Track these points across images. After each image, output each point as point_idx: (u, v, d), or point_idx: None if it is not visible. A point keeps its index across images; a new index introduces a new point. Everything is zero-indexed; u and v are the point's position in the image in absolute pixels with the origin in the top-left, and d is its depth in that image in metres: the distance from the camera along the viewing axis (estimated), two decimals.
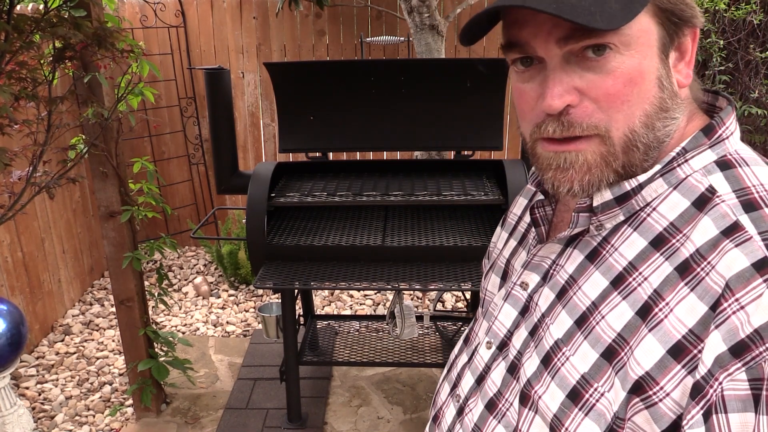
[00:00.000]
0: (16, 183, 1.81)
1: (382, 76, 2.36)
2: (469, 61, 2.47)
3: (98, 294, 3.67)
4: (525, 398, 0.61)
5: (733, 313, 0.47)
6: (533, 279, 0.66)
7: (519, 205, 0.81)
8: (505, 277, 0.74)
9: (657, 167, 0.56)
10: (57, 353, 3.05)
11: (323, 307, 3.51)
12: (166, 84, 3.91)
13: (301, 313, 2.87)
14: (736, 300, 0.47)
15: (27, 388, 2.77)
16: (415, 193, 2.21)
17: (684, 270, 0.51)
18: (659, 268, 0.53)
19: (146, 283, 2.85)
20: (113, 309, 3.39)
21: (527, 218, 0.75)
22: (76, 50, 1.83)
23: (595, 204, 0.58)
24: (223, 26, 3.85)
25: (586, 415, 0.54)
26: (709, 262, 0.50)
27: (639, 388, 0.51)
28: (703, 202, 0.53)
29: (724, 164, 0.55)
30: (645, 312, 0.52)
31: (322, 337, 2.82)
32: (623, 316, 0.54)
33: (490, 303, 0.75)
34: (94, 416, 2.60)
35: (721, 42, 3.34)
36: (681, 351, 0.49)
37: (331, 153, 2.52)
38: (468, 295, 3.07)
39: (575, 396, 0.56)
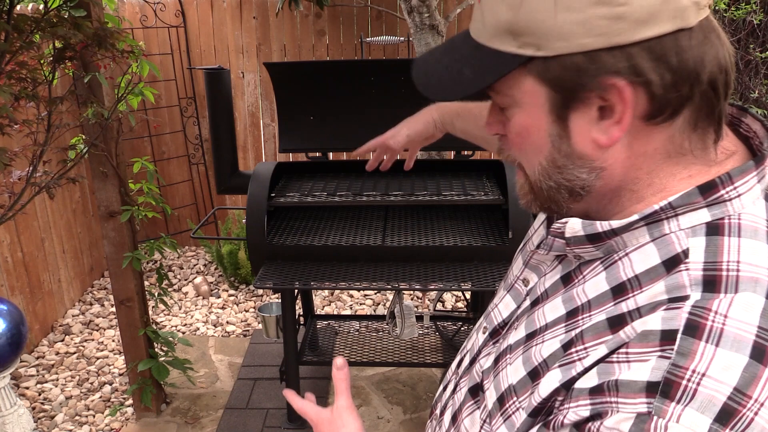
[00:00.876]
0: (16, 183, 1.81)
1: (382, 76, 2.36)
2: None
3: (98, 294, 3.67)
4: (478, 388, 0.64)
5: (618, 362, 0.47)
6: (533, 278, 0.66)
7: None
8: (527, 264, 0.75)
9: (635, 217, 0.52)
10: (57, 353, 3.05)
11: (323, 307, 3.51)
12: (166, 84, 3.91)
13: (301, 313, 2.87)
14: (626, 353, 0.47)
15: (27, 388, 2.77)
16: (415, 193, 2.21)
17: (616, 324, 0.50)
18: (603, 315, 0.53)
19: (146, 283, 2.85)
20: (113, 309, 3.39)
21: None
22: (76, 50, 1.83)
23: (567, 235, 0.57)
24: (223, 26, 3.85)
25: (503, 421, 0.58)
26: (641, 317, 0.49)
27: (537, 413, 0.54)
28: (674, 264, 0.50)
29: (714, 228, 0.50)
30: (567, 347, 0.53)
31: (322, 337, 2.82)
32: (553, 345, 0.55)
33: (510, 285, 0.76)
34: (94, 416, 2.60)
35: None
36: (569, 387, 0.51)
37: (331, 153, 2.52)
38: (468, 295, 3.07)
39: (501, 401, 0.59)
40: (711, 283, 0.48)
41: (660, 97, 0.49)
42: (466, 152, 2.47)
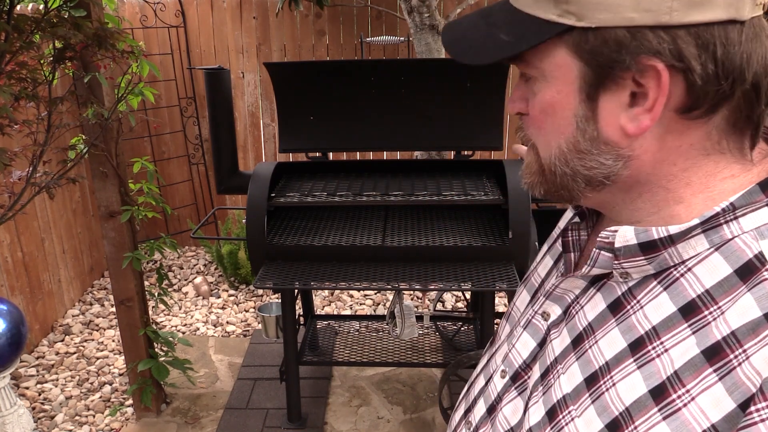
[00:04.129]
0: (16, 183, 1.81)
1: (382, 76, 2.36)
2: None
3: (98, 294, 3.67)
4: None
5: (762, 421, 0.40)
6: (555, 311, 0.60)
7: (564, 218, 0.72)
8: (534, 296, 0.69)
9: (695, 221, 0.48)
10: (57, 353, 3.05)
11: (323, 307, 3.51)
12: (166, 84, 3.91)
13: (301, 313, 2.87)
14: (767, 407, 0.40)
15: (27, 388, 2.77)
16: (415, 193, 2.21)
17: (713, 354, 0.44)
18: (683, 343, 0.46)
19: (146, 283, 2.84)
20: (113, 309, 3.39)
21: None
22: (76, 50, 1.83)
23: (617, 245, 0.51)
24: (223, 26, 3.85)
25: None
26: (744, 351, 0.42)
27: None
28: (749, 271, 0.45)
29: None
30: (659, 393, 0.46)
31: (322, 337, 2.82)
32: (635, 389, 0.48)
33: (513, 320, 0.70)
34: (94, 416, 2.60)
35: None
36: None
37: (331, 153, 2.52)
38: (468, 295, 3.07)
39: None
40: None
41: (698, 88, 0.46)
42: (466, 152, 2.47)
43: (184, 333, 3.26)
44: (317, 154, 2.48)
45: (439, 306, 3.42)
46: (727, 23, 0.45)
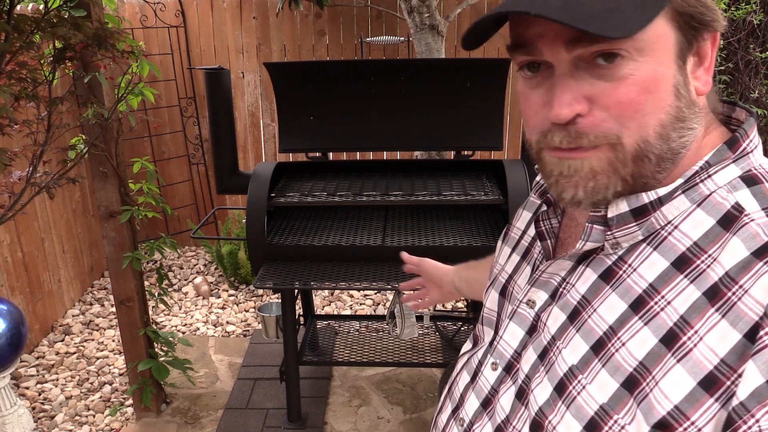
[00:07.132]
0: (16, 183, 1.81)
1: (382, 76, 2.36)
2: (469, 61, 2.47)
3: (98, 294, 3.67)
4: (537, 427, 0.56)
5: None
6: (541, 297, 0.62)
7: (522, 218, 0.76)
8: (504, 293, 0.71)
9: (679, 181, 0.52)
10: (57, 353, 3.05)
11: (323, 307, 3.51)
12: (166, 84, 3.91)
13: (301, 313, 2.87)
14: None
15: (27, 388, 2.77)
16: (415, 193, 2.21)
17: (713, 295, 0.48)
18: (684, 292, 0.49)
19: (146, 283, 2.84)
20: (113, 309, 3.39)
21: (531, 232, 0.71)
22: (76, 50, 1.83)
23: (610, 215, 0.54)
24: (223, 26, 3.85)
25: None
26: (741, 286, 0.46)
27: (666, 425, 0.47)
28: (730, 220, 0.49)
29: (750, 179, 0.51)
30: (670, 340, 0.49)
31: (322, 337, 2.82)
32: (645, 343, 0.50)
33: (490, 321, 0.71)
34: (94, 416, 2.60)
35: (721, 42, 3.34)
36: (713, 383, 0.46)
37: (331, 153, 2.53)
38: None
39: (593, 428, 0.52)
40: None
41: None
42: (466, 152, 2.47)
43: (184, 333, 3.26)
44: (317, 154, 2.48)
45: (439, 306, 3.42)
46: None
